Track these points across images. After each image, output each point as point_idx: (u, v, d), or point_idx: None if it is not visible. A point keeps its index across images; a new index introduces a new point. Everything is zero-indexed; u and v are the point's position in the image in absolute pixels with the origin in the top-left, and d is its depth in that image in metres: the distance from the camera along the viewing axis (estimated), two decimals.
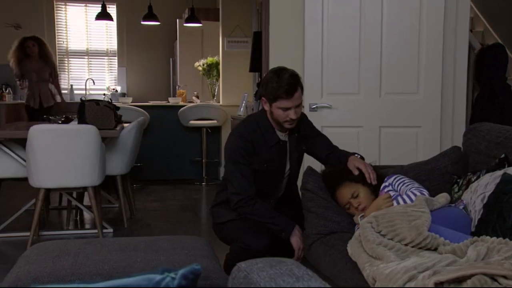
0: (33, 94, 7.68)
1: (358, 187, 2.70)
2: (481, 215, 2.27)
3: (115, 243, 2.50)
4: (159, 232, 4.78)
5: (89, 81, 9.94)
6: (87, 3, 10.14)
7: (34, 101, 7.69)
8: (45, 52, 7.61)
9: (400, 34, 4.03)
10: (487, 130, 2.85)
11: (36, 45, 7.52)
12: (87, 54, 10.27)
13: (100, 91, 10.08)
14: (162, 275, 0.91)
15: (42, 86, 7.69)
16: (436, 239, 2.12)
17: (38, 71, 7.58)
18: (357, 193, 2.68)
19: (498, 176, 2.34)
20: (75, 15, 10.17)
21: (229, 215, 3.03)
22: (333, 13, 4.02)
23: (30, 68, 7.58)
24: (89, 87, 9.98)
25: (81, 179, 4.27)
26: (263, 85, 2.93)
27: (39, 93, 7.68)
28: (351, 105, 4.09)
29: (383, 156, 4.07)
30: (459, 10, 4.10)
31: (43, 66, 7.60)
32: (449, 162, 2.86)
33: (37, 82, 7.60)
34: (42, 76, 7.61)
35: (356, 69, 4.06)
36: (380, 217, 2.32)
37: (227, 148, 3.01)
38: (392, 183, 2.67)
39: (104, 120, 4.52)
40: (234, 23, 7.36)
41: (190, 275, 0.94)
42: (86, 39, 10.25)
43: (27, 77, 7.59)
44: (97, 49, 10.29)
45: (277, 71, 2.92)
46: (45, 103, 7.74)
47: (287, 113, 2.85)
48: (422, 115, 4.06)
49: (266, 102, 2.92)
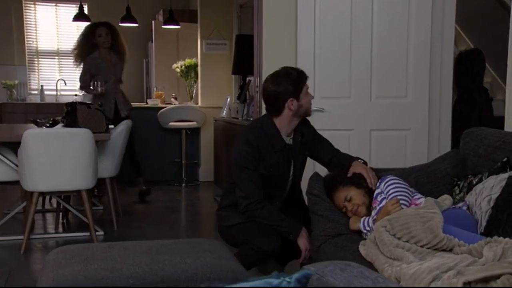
0: (108, 100, 5.95)
1: (350, 191, 2.81)
2: (489, 216, 2.42)
3: (136, 247, 2.55)
4: (152, 234, 4.82)
5: (60, 81, 9.87)
6: (57, 2, 10.05)
7: (109, 109, 5.88)
8: (119, 43, 6.07)
9: (390, 40, 4.17)
10: (485, 134, 3.00)
11: (110, 33, 5.97)
12: (57, 55, 10.16)
13: (71, 91, 9.99)
14: (279, 280, 0.99)
15: (119, 89, 6.14)
16: (451, 241, 2.24)
17: (113, 69, 6.06)
18: (349, 196, 2.80)
19: (504, 179, 2.48)
20: (45, 15, 10.05)
21: (237, 218, 3.10)
22: (325, 20, 4.14)
23: (104, 65, 6.00)
24: (61, 88, 9.91)
25: (75, 183, 4.28)
26: (283, 90, 3.01)
27: (114, 98, 6.07)
28: (342, 108, 4.21)
29: (373, 158, 4.20)
30: (445, 17, 4.27)
31: (117, 62, 6.09)
32: (449, 165, 3.01)
33: (114, 84, 6.04)
34: (118, 76, 6.11)
35: (347, 74, 4.18)
36: (393, 220, 2.43)
37: (234, 154, 3.09)
38: (384, 190, 2.78)
39: (96, 124, 4.54)
40: (212, 26, 7.42)
41: (303, 279, 1.03)
42: (57, 39, 10.15)
43: (102, 78, 5.92)
44: (68, 49, 10.18)
45: (282, 70, 3.09)
46: (122, 110, 6.09)
47: (310, 97, 3.12)
48: (410, 118, 4.21)
49: (293, 100, 3.02)
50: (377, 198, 2.75)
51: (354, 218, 2.76)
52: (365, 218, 2.70)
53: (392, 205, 2.54)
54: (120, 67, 6.09)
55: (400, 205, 2.55)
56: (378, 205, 2.72)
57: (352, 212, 2.77)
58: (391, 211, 2.51)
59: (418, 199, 2.71)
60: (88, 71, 5.96)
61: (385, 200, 2.70)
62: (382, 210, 2.58)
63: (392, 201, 2.57)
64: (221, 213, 3.24)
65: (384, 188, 2.75)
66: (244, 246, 3.05)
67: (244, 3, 6.94)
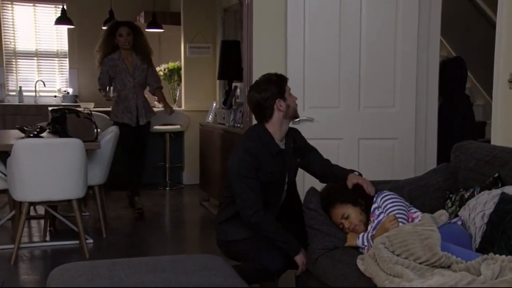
0: (129, 107, 5.59)
1: (347, 208, 2.87)
2: (484, 232, 2.50)
3: (140, 264, 2.60)
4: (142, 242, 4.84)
5: (39, 82, 9.78)
6: (36, 3, 9.94)
7: (130, 116, 5.56)
8: (142, 44, 5.62)
9: (377, 51, 4.24)
10: (475, 148, 3.09)
11: (132, 34, 5.56)
12: (36, 55, 10.06)
13: (51, 93, 9.93)
14: None
15: (140, 94, 5.66)
16: (449, 258, 2.31)
17: (134, 72, 5.59)
18: (347, 214, 2.86)
19: (497, 195, 2.57)
20: (23, 15, 9.93)
21: (241, 232, 3.11)
22: (314, 31, 4.19)
23: (122, 67, 5.56)
24: (39, 89, 9.82)
25: (66, 192, 4.29)
26: (269, 93, 3.10)
27: (136, 104, 5.62)
28: (331, 118, 4.28)
29: (361, 166, 4.26)
30: (431, 27, 4.35)
31: (139, 65, 5.61)
32: (441, 178, 3.09)
33: (134, 89, 5.59)
34: (139, 79, 5.61)
35: (336, 84, 4.24)
36: (392, 237, 2.49)
37: (233, 164, 3.08)
38: (381, 205, 2.85)
39: (85, 132, 4.55)
40: (196, 29, 7.43)
41: None
42: (35, 40, 10.04)
43: (119, 82, 5.54)
44: (47, 50, 10.09)
45: (261, 78, 3.22)
46: (142, 118, 5.67)
47: (294, 97, 3.24)
48: (397, 127, 4.29)
49: (280, 101, 3.10)
50: (375, 212, 2.82)
51: (351, 234, 2.82)
52: (363, 234, 2.76)
53: (390, 222, 2.61)
54: (142, 70, 5.61)
55: (397, 222, 2.62)
56: (376, 219, 2.79)
57: (349, 229, 2.83)
58: (389, 228, 2.58)
59: (414, 213, 2.79)
60: (107, 72, 5.56)
61: (382, 214, 2.77)
62: (380, 227, 2.65)
63: (389, 218, 2.63)
64: (223, 228, 3.23)
65: (381, 203, 2.82)
66: (249, 263, 3.08)
67: (228, 7, 6.96)
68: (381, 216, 2.77)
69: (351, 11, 4.20)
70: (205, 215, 6.03)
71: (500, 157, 2.91)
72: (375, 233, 2.65)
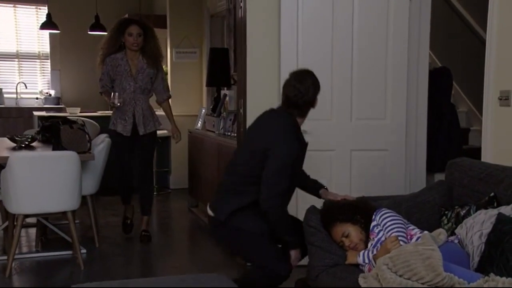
0: (124, 114, 4.97)
1: (347, 227, 2.94)
2: (482, 252, 2.60)
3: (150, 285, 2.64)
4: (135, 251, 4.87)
5: (21, 84, 9.71)
6: (16, 4, 9.85)
7: (124, 124, 4.97)
8: (152, 48, 4.97)
9: (369, 65, 4.33)
10: (468, 166, 3.19)
11: (142, 35, 4.91)
12: (17, 57, 9.97)
13: (32, 95, 9.87)
14: None
15: (140, 101, 4.97)
16: (452, 279, 2.40)
17: (137, 76, 4.95)
18: (347, 232, 2.93)
19: (493, 215, 2.67)
20: (3, 16, 9.83)
21: (261, 226, 3.12)
22: (307, 46, 4.29)
23: (125, 69, 4.93)
24: (21, 91, 9.76)
25: (62, 204, 4.30)
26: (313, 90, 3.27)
27: (133, 111, 5.00)
28: (324, 129, 4.36)
29: (353, 177, 4.38)
30: (420, 42, 4.46)
31: (145, 68, 4.96)
32: (437, 195, 3.19)
33: (133, 94, 4.95)
34: (141, 84, 4.95)
35: (329, 97, 4.32)
36: (394, 258, 2.57)
37: (284, 152, 3.06)
38: (380, 223, 2.93)
39: (79, 143, 4.56)
40: (182, 34, 7.45)
41: None
42: (16, 41, 9.95)
43: (118, 84, 4.93)
44: (28, 52, 10.01)
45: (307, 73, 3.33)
46: (141, 127, 5.01)
47: None
48: (388, 139, 4.39)
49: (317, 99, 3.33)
50: (374, 230, 2.90)
51: (351, 252, 2.90)
52: (364, 252, 2.84)
53: (392, 243, 2.69)
54: (147, 75, 4.95)
55: (399, 242, 2.70)
56: (375, 237, 2.87)
57: (349, 247, 2.92)
58: (391, 249, 2.66)
59: (412, 229, 2.88)
60: (107, 74, 4.97)
61: (382, 232, 2.85)
62: (382, 247, 2.73)
63: (391, 239, 2.71)
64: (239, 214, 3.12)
65: (380, 221, 2.90)
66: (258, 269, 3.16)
67: (215, 13, 7.00)
68: (381, 234, 2.86)
69: (343, 25, 4.30)
70: (194, 222, 6.09)
71: (494, 175, 3.01)
72: (377, 254, 2.73)
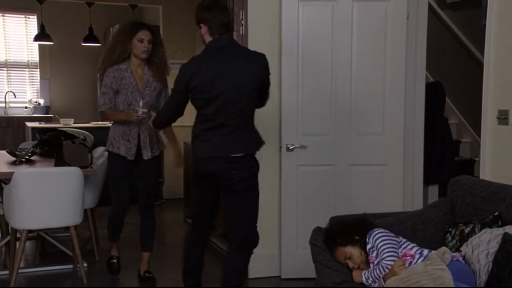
0: (128, 132, 4.25)
1: (348, 249, 3.00)
2: (490, 271, 2.70)
3: None
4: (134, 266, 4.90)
5: (10, 93, 9.70)
6: (5, 12, 9.84)
7: (127, 145, 4.24)
8: (160, 57, 4.37)
9: (368, 82, 4.44)
10: (470, 184, 3.29)
11: (152, 42, 4.24)
12: (6, 66, 9.95)
13: (21, 104, 9.87)
14: None
15: (146, 120, 4.14)
16: None
17: (144, 90, 4.25)
18: (349, 254, 3.02)
19: (499, 235, 2.77)
20: None
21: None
22: (308, 63, 4.40)
23: (130, 81, 4.20)
24: (10, 100, 9.75)
25: (65, 219, 4.34)
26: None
27: (138, 131, 4.27)
28: (324, 144, 4.46)
29: (353, 191, 4.48)
30: (417, 60, 4.58)
31: (151, 82, 4.30)
32: (441, 212, 3.28)
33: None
34: (148, 99, 4.22)
35: (328, 112, 4.43)
36: (405, 279, 2.67)
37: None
38: (374, 244, 2.96)
39: (81, 158, 4.59)
40: (175, 45, 7.50)
41: None
42: (5, 49, 9.94)
43: (122, 99, 4.21)
44: (17, 61, 10.01)
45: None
46: (147, 150, 4.30)
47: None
48: (387, 154, 4.49)
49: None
50: (371, 254, 2.98)
51: (356, 272, 3.00)
52: (365, 272, 2.93)
53: (399, 267, 2.78)
54: (153, 89, 4.29)
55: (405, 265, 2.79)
56: (375, 261, 2.95)
57: (354, 268, 3.00)
58: (398, 272, 2.75)
59: (411, 249, 2.94)
60: (110, 86, 4.20)
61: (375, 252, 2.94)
62: (390, 272, 2.80)
63: (398, 263, 2.79)
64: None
65: (374, 243, 2.98)
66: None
67: None
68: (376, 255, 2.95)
69: (342, 44, 4.40)
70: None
71: (496, 193, 3.10)
72: (385, 277, 2.81)
